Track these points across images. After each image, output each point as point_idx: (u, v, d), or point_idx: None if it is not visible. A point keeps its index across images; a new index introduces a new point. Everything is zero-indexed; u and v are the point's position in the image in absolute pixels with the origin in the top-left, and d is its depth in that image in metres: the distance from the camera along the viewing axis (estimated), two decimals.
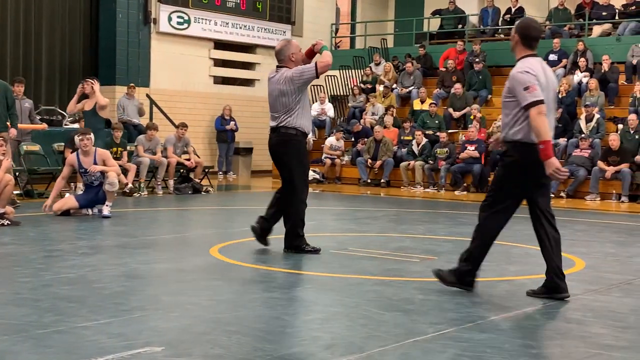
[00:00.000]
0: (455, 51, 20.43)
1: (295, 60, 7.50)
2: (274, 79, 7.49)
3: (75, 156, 10.48)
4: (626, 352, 4.32)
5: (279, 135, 7.46)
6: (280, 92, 7.38)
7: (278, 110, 7.43)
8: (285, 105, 7.38)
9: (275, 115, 7.47)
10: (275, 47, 7.71)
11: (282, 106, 7.40)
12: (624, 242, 9.18)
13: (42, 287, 5.68)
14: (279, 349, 4.18)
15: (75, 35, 18.61)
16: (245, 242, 8.12)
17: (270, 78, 7.56)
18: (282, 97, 7.37)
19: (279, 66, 7.55)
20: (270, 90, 7.50)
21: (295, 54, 7.52)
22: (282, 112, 7.41)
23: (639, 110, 16.24)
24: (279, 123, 7.43)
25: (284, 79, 7.36)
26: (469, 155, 16.41)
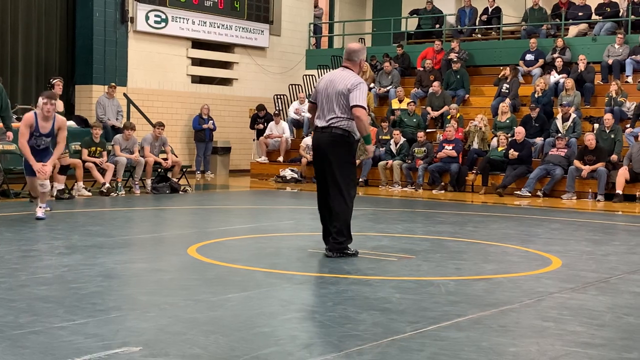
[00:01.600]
0: (432, 51, 20.50)
1: (361, 66, 7.50)
2: (339, 76, 7.29)
3: (34, 117, 9.73)
4: (602, 349, 4.35)
5: (329, 135, 7.26)
6: (339, 92, 7.18)
7: (332, 110, 7.23)
8: (341, 106, 7.19)
9: (329, 114, 7.25)
10: (351, 46, 7.51)
11: (340, 107, 7.19)
12: (600, 240, 9.25)
13: (18, 287, 5.64)
14: (256, 349, 4.18)
15: (52, 34, 18.48)
16: (223, 241, 8.10)
17: (335, 74, 7.36)
18: (340, 96, 7.19)
19: (345, 66, 7.39)
20: (330, 87, 7.26)
21: (363, 61, 7.53)
22: (334, 112, 7.21)
23: (614, 109, 16.37)
24: (332, 123, 7.22)
25: (353, 81, 7.18)
26: (446, 154, 16.47)
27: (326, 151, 7.30)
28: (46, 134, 9.78)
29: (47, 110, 9.65)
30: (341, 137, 7.25)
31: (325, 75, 7.57)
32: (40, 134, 9.73)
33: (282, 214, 12.12)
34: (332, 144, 7.26)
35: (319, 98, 7.38)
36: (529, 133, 16.33)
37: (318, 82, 7.51)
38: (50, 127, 9.74)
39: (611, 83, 17.19)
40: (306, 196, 15.25)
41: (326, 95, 7.28)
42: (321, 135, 7.34)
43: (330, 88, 7.26)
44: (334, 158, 7.27)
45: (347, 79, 7.21)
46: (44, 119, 9.71)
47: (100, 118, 17.00)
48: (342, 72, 7.35)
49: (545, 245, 8.63)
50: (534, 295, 5.82)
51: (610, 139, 15.48)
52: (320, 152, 7.38)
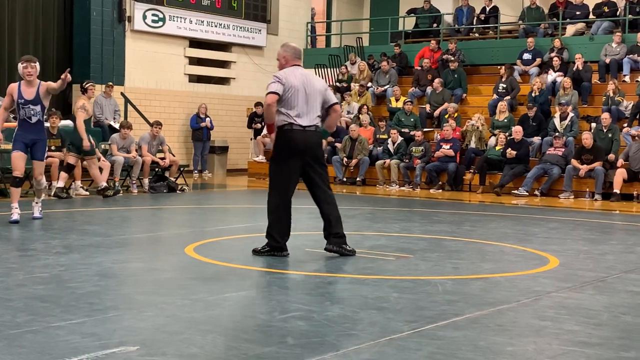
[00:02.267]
0: (430, 50, 20.50)
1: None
2: (311, 76, 7.41)
3: (17, 85, 9.30)
4: (600, 348, 4.35)
5: (316, 134, 7.29)
6: (320, 90, 7.30)
7: (316, 109, 7.28)
8: (321, 106, 7.32)
9: (313, 113, 7.25)
10: (298, 46, 7.59)
11: (319, 106, 7.29)
12: (597, 239, 9.25)
13: (15, 286, 5.63)
14: (253, 348, 4.17)
15: (49, 33, 18.46)
16: (220, 240, 8.10)
17: (305, 73, 7.34)
18: (320, 96, 7.29)
19: (299, 65, 7.40)
20: (308, 85, 7.25)
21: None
22: (317, 111, 7.27)
23: (612, 109, 16.39)
24: (316, 122, 7.28)
25: (321, 81, 7.43)
26: (444, 153, 16.48)
27: (315, 150, 7.32)
28: (32, 99, 9.22)
29: (27, 74, 9.20)
30: (321, 136, 7.44)
31: (288, 71, 7.27)
32: (26, 100, 9.21)
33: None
34: (320, 143, 7.41)
35: (296, 95, 7.19)
36: (527, 132, 16.34)
37: (283, 78, 7.18)
38: (34, 93, 9.22)
39: (608, 82, 17.20)
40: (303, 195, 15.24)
41: (305, 94, 7.20)
42: (309, 135, 7.24)
43: (309, 87, 7.23)
44: (321, 156, 7.43)
45: (319, 78, 7.53)
46: (26, 84, 9.25)
47: (97, 117, 16.99)
48: (305, 71, 7.42)
49: (543, 244, 8.63)
50: (531, 294, 5.82)
51: (607, 138, 15.49)
52: (310, 151, 7.28)
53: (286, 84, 7.15)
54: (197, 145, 19.64)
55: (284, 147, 7.26)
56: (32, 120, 9.30)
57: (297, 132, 7.17)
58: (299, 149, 7.23)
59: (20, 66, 9.27)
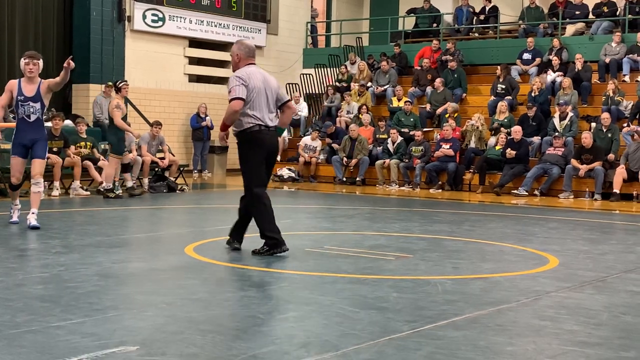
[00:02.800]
0: (430, 50, 20.50)
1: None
2: (268, 75, 7.42)
3: (17, 82, 8.95)
4: (599, 348, 4.35)
5: (276, 134, 7.40)
6: (276, 90, 7.34)
7: (275, 107, 7.37)
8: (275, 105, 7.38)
9: (273, 112, 7.34)
10: (253, 44, 7.57)
11: (275, 105, 7.36)
12: (597, 239, 9.25)
13: (14, 286, 5.63)
14: (253, 348, 4.17)
15: (49, 33, 18.45)
16: (220, 240, 8.10)
17: (263, 73, 7.37)
18: (276, 96, 7.34)
19: (254, 64, 7.40)
20: (268, 85, 7.29)
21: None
22: (275, 110, 7.38)
23: (612, 109, 16.39)
24: (276, 122, 7.38)
25: (274, 79, 7.44)
26: (443, 153, 16.48)
27: (277, 150, 7.57)
28: (32, 97, 8.84)
29: (29, 70, 8.87)
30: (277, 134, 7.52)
31: (248, 72, 7.23)
32: (26, 97, 8.84)
33: (279, 213, 12.09)
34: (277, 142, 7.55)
35: (259, 96, 7.19)
36: (526, 132, 16.34)
37: (246, 80, 7.16)
38: (35, 90, 8.86)
39: (608, 82, 17.20)
40: (303, 195, 15.26)
41: (268, 95, 7.25)
42: (272, 134, 7.33)
43: (268, 87, 7.27)
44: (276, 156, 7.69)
45: (272, 76, 7.48)
46: (27, 81, 8.91)
47: (97, 117, 16.98)
48: (260, 69, 7.41)
49: (543, 244, 8.63)
50: (531, 294, 5.82)
51: (607, 138, 15.50)
52: (273, 151, 7.43)
53: (250, 86, 7.16)
54: (197, 145, 19.64)
55: (257, 148, 7.28)
56: (30, 118, 8.87)
57: (265, 132, 7.23)
58: (269, 150, 7.34)
59: (22, 62, 8.98)
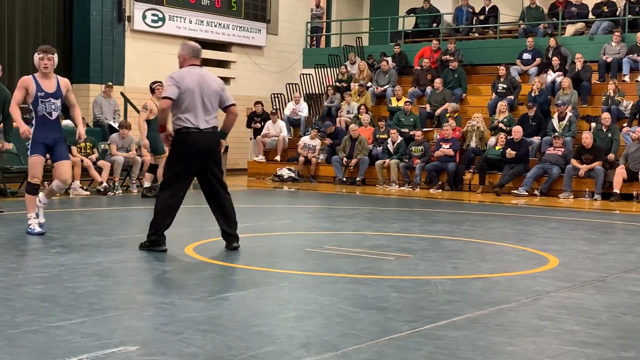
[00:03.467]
0: (430, 50, 20.50)
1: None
2: (209, 76, 7.32)
3: (32, 78, 8.37)
4: (599, 348, 4.36)
5: (214, 136, 7.32)
6: (215, 91, 7.28)
7: (214, 109, 7.30)
8: (216, 106, 7.31)
9: (211, 114, 7.27)
10: (197, 45, 7.55)
11: (216, 106, 7.30)
12: (597, 239, 9.25)
13: (14, 286, 5.63)
14: (253, 348, 4.18)
15: (49, 33, 18.46)
16: (220, 240, 8.09)
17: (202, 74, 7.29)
18: (216, 97, 7.29)
19: (199, 65, 7.38)
20: (205, 86, 7.23)
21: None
22: (215, 112, 7.30)
23: (612, 108, 16.39)
24: (214, 124, 7.31)
25: (215, 79, 7.38)
26: (443, 153, 16.47)
27: (212, 152, 7.34)
28: (53, 93, 8.32)
29: (44, 66, 8.34)
30: (219, 137, 7.42)
31: (184, 73, 7.25)
32: (47, 93, 8.28)
33: (279, 213, 12.11)
34: (217, 144, 7.39)
35: (192, 97, 7.16)
36: (526, 132, 16.34)
37: (179, 81, 7.18)
38: (55, 85, 8.36)
39: (608, 82, 17.19)
40: (303, 195, 15.25)
41: (201, 95, 7.18)
42: (206, 136, 7.23)
43: (205, 87, 7.20)
44: (218, 157, 7.45)
45: (215, 78, 7.40)
46: (43, 77, 8.38)
47: (97, 117, 16.98)
48: (203, 70, 7.37)
49: (543, 244, 8.63)
50: (531, 294, 5.82)
51: (607, 138, 15.49)
52: (207, 153, 7.29)
53: (181, 87, 7.14)
54: None
55: (182, 149, 7.26)
56: (52, 116, 8.37)
57: (193, 134, 7.19)
58: (196, 152, 7.25)
59: (37, 57, 8.42)
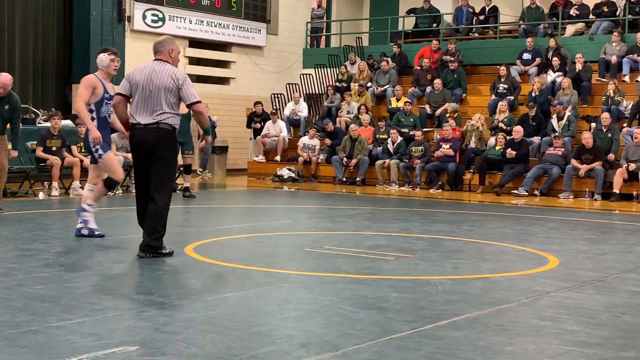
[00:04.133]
0: (430, 50, 20.50)
1: (173, 58, 7.18)
2: (160, 70, 7.02)
3: (97, 79, 8.29)
4: (599, 348, 4.36)
5: (156, 132, 6.98)
6: (166, 87, 6.95)
7: (164, 105, 6.96)
8: (169, 102, 6.98)
9: (157, 110, 6.96)
10: (157, 39, 7.34)
11: (170, 102, 6.98)
12: (597, 239, 9.25)
13: (14, 286, 5.63)
14: (253, 348, 4.18)
15: (49, 33, 18.47)
16: (220, 240, 8.10)
17: (156, 68, 7.04)
18: (168, 92, 6.97)
19: (160, 59, 7.13)
20: (155, 81, 6.98)
21: (174, 52, 7.21)
22: (164, 109, 6.96)
23: (612, 109, 16.38)
24: (161, 119, 6.97)
25: (172, 75, 6.99)
26: (443, 153, 16.47)
27: (154, 148, 7.01)
28: (112, 95, 8.14)
29: (115, 67, 8.42)
30: (169, 133, 7.06)
31: (140, 67, 7.13)
32: (110, 95, 8.22)
33: (279, 213, 12.11)
34: (161, 140, 7.02)
35: (136, 92, 7.03)
36: (527, 132, 16.34)
37: (130, 74, 7.11)
38: (112, 87, 8.34)
39: (608, 82, 17.19)
40: (303, 195, 15.25)
41: (148, 90, 6.98)
42: (146, 132, 7.00)
43: (152, 82, 6.98)
44: (163, 155, 7.03)
45: (170, 73, 7.01)
46: (107, 78, 8.37)
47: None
48: (161, 65, 7.07)
49: (542, 244, 8.63)
50: (531, 294, 5.82)
51: (607, 138, 15.49)
52: (146, 149, 7.03)
53: (132, 81, 7.07)
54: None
55: (130, 145, 7.28)
56: (110, 118, 8.48)
57: (136, 129, 7.06)
58: (137, 148, 7.13)
59: (107, 57, 8.38)
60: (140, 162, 7.17)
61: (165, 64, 7.08)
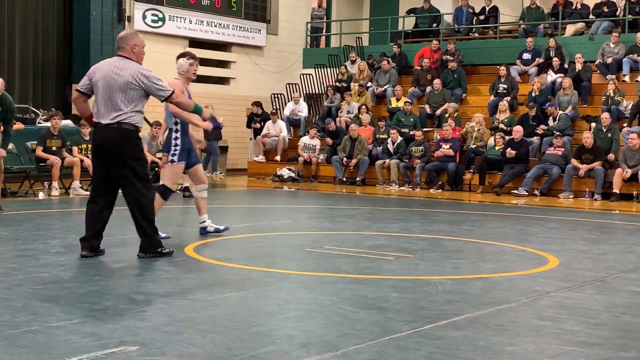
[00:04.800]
0: (430, 50, 20.50)
1: (137, 53, 6.91)
2: (123, 69, 6.76)
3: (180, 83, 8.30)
4: (599, 348, 4.36)
5: (117, 132, 6.74)
6: (127, 85, 6.71)
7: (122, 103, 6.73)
8: (131, 100, 6.76)
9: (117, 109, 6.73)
10: (119, 34, 7.06)
11: (131, 99, 6.75)
12: (597, 239, 9.25)
13: (14, 286, 5.63)
14: (253, 348, 4.17)
15: (49, 33, 18.47)
16: (220, 240, 8.10)
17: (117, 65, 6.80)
18: (130, 91, 6.73)
19: (122, 55, 6.87)
20: (114, 78, 6.73)
21: (138, 47, 6.91)
22: (124, 106, 6.73)
23: (611, 108, 16.39)
24: (122, 119, 6.74)
25: (134, 72, 6.73)
26: (443, 153, 16.47)
27: (116, 149, 6.79)
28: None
29: (194, 71, 8.47)
30: (132, 132, 6.81)
31: (101, 64, 6.91)
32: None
33: (279, 213, 12.11)
34: (123, 140, 6.78)
35: (97, 91, 6.82)
36: (527, 132, 16.34)
37: (91, 71, 6.91)
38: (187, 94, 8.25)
39: (608, 82, 17.18)
40: (303, 195, 15.25)
41: (109, 89, 6.75)
42: (108, 132, 6.77)
43: (112, 80, 6.73)
44: (125, 157, 6.80)
45: (132, 70, 6.76)
46: (187, 82, 8.41)
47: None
48: (122, 62, 6.83)
49: (543, 244, 8.63)
50: (531, 294, 5.82)
51: (607, 138, 15.49)
52: (107, 149, 6.83)
53: (93, 78, 6.87)
54: (213, 145, 19.64)
55: (92, 145, 7.12)
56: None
57: (98, 129, 6.86)
58: (98, 148, 6.97)
59: (186, 62, 8.43)
60: (101, 162, 6.95)
61: (127, 61, 6.83)
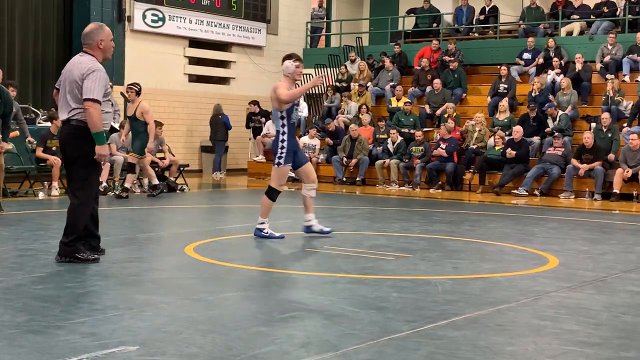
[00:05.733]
0: (430, 50, 20.50)
1: (103, 48, 6.69)
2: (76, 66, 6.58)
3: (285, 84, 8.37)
4: (599, 348, 4.36)
5: (69, 129, 6.59)
6: (74, 82, 6.53)
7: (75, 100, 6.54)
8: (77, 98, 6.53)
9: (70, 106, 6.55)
10: (85, 29, 6.74)
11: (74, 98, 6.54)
12: (597, 239, 9.25)
13: (14, 286, 5.63)
14: (253, 348, 4.17)
15: (49, 33, 18.46)
16: (220, 240, 8.10)
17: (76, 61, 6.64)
18: (76, 89, 6.53)
19: (85, 51, 6.68)
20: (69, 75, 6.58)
21: (104, 42, 6.67)
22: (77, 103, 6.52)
23: (611, 108, 16.39)
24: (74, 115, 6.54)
25: (82, 68, 6.52)
26: (439, 153, 16.46)
27: (68, 146, 6.65)
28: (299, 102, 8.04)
29: (299, 74, 8.47)
30: (83, 130, 6.52)
31: (70, 61, 6.79)
32: (298, 102, 8.40)
33: (278, 213, 12.11)
34: (73, 137, 6.58)
35: (61, 86, 6.69)
36: (527, 132, 16.34)
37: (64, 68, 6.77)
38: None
39: (608, 82, 17.17)
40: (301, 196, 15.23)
41: (65, 85, 6.61)
42: (63, 129, 6.68)
43: (68, 76, 6.59)
44: (77, 154, 6.59)
45: (82, 65, 6.55)
46: (292, 84, 8.43)
47: None
48: (80, 57, 6.67)
49: (543, 244, 8.63)
50: (531, 294, 5.82)
51: (607, 138, 15.49)
52: (62, 146, 6.76)
53: (62, 75, 6.75)
54: (220, 145, 19.68)
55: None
56: (296, 123, 8.61)
57: (61, 126, 6.79)
58: (60, 145, 6.90)
59: (292, 64, 8.42)
60: (64, 159, 6.90)
61: (85, 57, 6.63)
